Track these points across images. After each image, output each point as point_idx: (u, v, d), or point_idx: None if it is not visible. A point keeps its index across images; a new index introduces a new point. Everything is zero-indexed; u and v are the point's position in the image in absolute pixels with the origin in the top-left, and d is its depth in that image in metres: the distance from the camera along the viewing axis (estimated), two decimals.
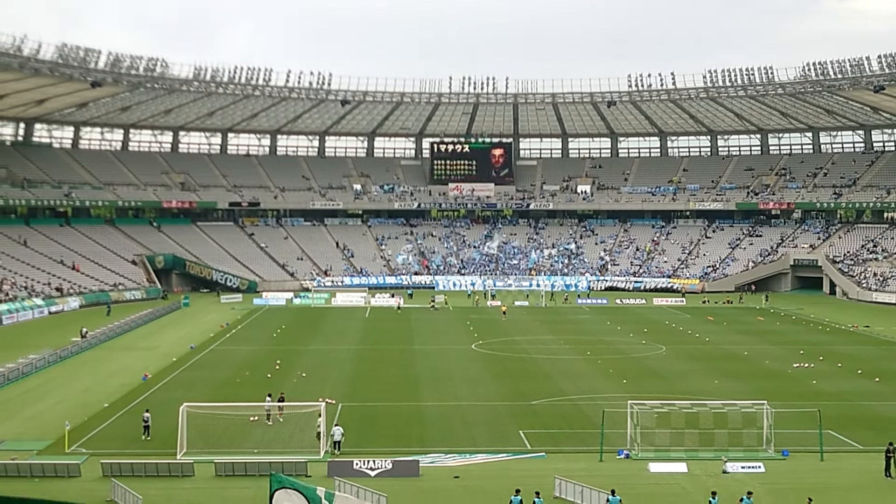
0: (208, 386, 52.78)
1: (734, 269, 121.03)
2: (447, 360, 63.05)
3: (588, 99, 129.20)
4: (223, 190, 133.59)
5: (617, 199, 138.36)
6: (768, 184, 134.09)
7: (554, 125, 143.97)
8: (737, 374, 57.78)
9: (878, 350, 69.35)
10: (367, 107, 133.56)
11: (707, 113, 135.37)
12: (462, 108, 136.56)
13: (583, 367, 60.13)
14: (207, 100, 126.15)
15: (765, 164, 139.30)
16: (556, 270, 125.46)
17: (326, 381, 54.25)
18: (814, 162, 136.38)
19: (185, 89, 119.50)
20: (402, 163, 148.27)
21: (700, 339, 75.13)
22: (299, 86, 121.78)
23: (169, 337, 74.76)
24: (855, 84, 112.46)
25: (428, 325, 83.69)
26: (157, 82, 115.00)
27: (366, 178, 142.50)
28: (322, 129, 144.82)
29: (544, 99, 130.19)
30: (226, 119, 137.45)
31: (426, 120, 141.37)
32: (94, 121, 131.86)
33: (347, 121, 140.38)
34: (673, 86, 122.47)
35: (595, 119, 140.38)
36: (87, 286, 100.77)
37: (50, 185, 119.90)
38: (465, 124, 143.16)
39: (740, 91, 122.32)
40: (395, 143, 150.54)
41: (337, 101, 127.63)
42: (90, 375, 56.69)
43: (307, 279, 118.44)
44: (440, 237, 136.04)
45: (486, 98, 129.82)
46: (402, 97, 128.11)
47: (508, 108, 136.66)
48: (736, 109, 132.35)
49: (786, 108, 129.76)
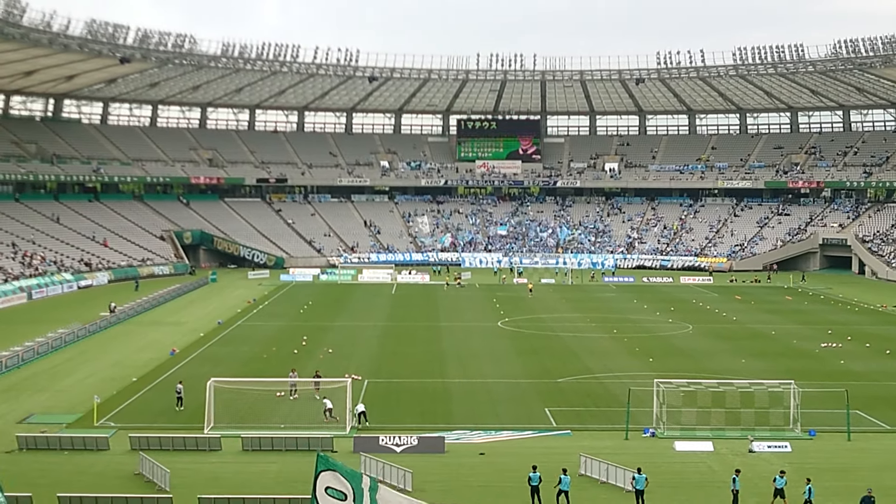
0: (235, 361, 53.04)
1: (762, 248, 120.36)
2: (473, 338, 63.07)
3: (616, 76, 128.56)
4: (251, 166, 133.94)
5: (644, 177, 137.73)
6: (797, 162, 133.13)
7: (582, 102, 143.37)
8: (764, 353, 57.51)
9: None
10: (394, 83, 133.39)
11: (736, 90, 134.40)
12: (489, 85, 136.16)
13: (609, 346, 60.02)
14: (235, 76, 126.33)
15: (794, 143, 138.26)
16: (582, 248, 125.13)
17: (353, 358, 54.41)
18: (844, 140, 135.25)
19: (213, 65, 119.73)
20: (429, 140, 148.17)
21: (727, 317, 74.80)
22: (327, 62, 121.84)
23: (196, 312, 75.13)
24: (887, 62, 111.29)
25: (454, 303, 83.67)
26: (186, 58, 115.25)
27: (393, 155, 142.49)
28: (349, 106, 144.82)
29: (572, 76, 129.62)
30: (253, 95, 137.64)
31: (453, 97, 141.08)
32: (122, 97, 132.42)
33: (375, 97, 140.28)
34: (702, 63, 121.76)
35: (623, 96, 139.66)
36: (115, 261, 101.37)
37: (79, 161, 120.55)
38: (492, 101, 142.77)
39: (770, 69, 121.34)
40: (423, 120, 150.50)
41: (364, 77, 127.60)
42: (119, 350, 57.07)
43: (334, 255, 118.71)
44: (467, 214, 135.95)
45: (513, 75, 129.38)
46: (430, 74, 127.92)
47: (536, 85, 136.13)
48: (765, 87, 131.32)
49: (816, 86, 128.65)
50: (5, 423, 39.20)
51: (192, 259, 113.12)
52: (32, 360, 52.66)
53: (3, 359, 50.06)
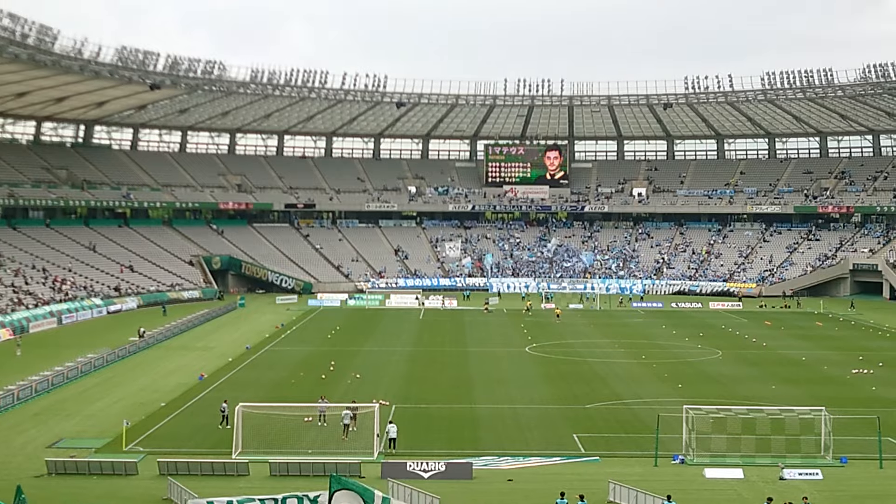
0: (263, 386, 53.11)
1: (792, 274, 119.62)
2: (501, 363, 62.93)
3: (644, 101, 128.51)
4: (279, 191, 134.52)
5: (673, 202, 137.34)
6: (827, 187, 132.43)
7: (609, 127, 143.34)
8: (794, 379, 57.06)
9: None
10: (421, 109, 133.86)
11: (764, 115, 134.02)
12: (517, 111, 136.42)
13: (637, 371, 59.71)
14: (264, 102, 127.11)
15: (823, 167, 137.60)
16: (610, 273, 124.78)
17: (380, 383, 54.37)
18: (874, 165, 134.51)
19: (242, 92, 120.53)
20: (456, 165, 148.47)
21: (757, 343, 74.27)
22: (355, 88, 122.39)
23: (225, 337, 75.37)
24: None
25: (482, 328, 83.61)
26: (215, 85, 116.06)
27: (420, 180, 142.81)
28: (377, 131, 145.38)
29: (599, 101, 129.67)
30: (282, 121, 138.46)
31: (481, 122, 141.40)
32: (152, 123, 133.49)
33: (402, 123, 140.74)
34: (730, 87, 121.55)
35: (651, 121, 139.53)
36: (144, 286, 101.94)
37: (109, 187, 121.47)
38: (520, 126, 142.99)
39: (798, 93, 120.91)
40: (450, 146, 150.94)
41: (392, 103, 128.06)
42: (147, 375, 57.28)
43: (362, 280, 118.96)
44: (494, 239, 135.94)
45: (540, 100, 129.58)
46: (457, 99, 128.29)
47: (563, 110, 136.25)
48: (794, 111, 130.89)
49: (845, 111, 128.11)
50: (35, 448, 39.37)
51: (221, 284, 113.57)
52: (62, 384, 52.91)
53: (33, 383, 50.34)
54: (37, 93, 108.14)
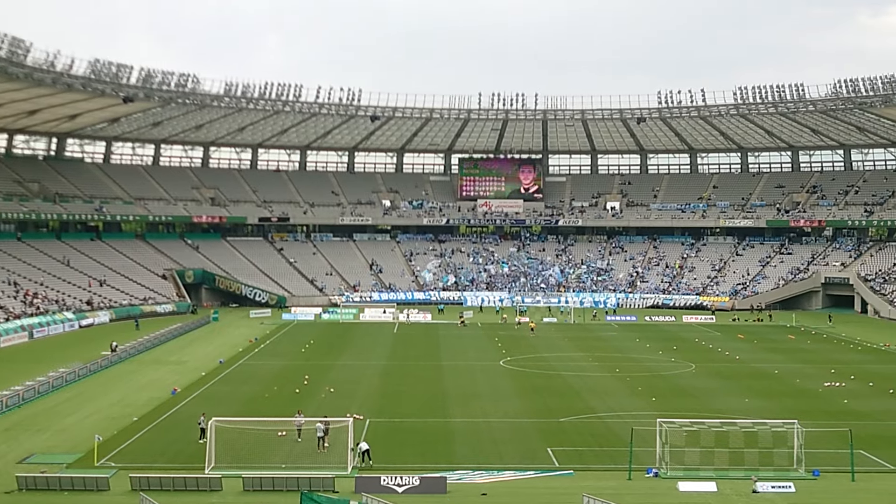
0: (237, 400, 52.87)
1: (765, 287, 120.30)
2: (475, 377, 62.91)
3: (617, 115, 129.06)
4: (253, 205, 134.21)
5: (646, 216, 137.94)
6: (799, 201, 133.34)
7: (583, 141, 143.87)
8: (767, 392, 57.31)
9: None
10: (396, 123, 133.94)
11: (737, 129, 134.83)
12: (491, 125, 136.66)
13: (611, 385, 59.83)
14: (238, 115, 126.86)
15: (795, 182, 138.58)
16: (584, 287, 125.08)
17: (355, 397, 54.24)
18: (845, 179, 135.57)
19: (216, 105, 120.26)
20: (431, 178, 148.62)
21: (730, 357, 74.58)
22: (329, 102, 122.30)
23: (198, 351, 75.00)
24: (887, 101, 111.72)
25: (456, 342, 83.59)
26: (189, 98, 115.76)
27: (395, 194, 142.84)
28: (351, 145, 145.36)
29: (573, 115, 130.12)
30: (256, 134, 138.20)
31: (455, 136, 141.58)
32: (125, 136, 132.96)
33: (377, 136, 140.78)
34: (703, 102, 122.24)
35: (624, 135, 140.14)
36: (117, 300, 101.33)
37: (81, 200, 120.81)
38: (494, 140, 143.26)
39: (770, 108, 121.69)
40: (425, 159, 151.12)
41: (366, 116, 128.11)
42: (120, 389, 56.90)
43: (336, 294, 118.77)
44: (469, 253, 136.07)
45: (515, 114, 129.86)
46: (432, 113, 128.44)
47: (537, 124, 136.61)
48: (766, 126, 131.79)
49: (817, 125, 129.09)
50: (5, 463, 39.01)
51: (194, 298, 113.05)
52: (33, 399, 52.49)
53: (3, 398, 49.90)
54: (9, 105, 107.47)
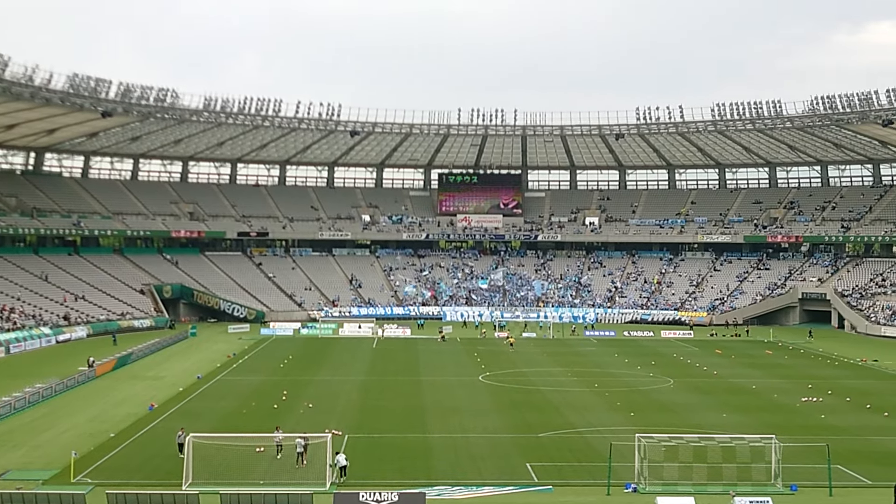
0: (214, 416, 52.63)
1: (742, 302, 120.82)
2: (454, 392, 62.86)
3: (596, 131, 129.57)
4: (232, 220, 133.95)
5: (625, 231, 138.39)
6: (776, 217, 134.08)
7: (562, 157, 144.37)
8: (745, 407, 57.48)
9: (886, 384, 68.98)
10: (376, 138, 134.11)
11: (715, 146, 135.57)
12: (471, 140, 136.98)
13: (590, 400, 59.88)
14: (217, 130, 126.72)
15: (773, 198, 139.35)
16: (563, 302, 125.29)
17: (333, 412, 54.08)
18: (822, 195, 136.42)
19: (195, 120, 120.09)
20: (410, 194, 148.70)
21: (708, 372, 74.82)
22: (309, 117, 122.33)
23: (176, 367, 74.66)
24: (863, 118, 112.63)
25: (435, 357, 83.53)
26: (168, 113, 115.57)
27: (374, 209, 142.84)
28: (331, 160, 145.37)
29: (552, 131, 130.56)
30: (235, 149, 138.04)
31: (435, 151, 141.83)
32: (104, 150, 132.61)
33: (356, 152, 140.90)
34: (681, 119, 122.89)
35: (603, 151, 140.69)
36: (94, 315, 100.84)
37: (59, 215, 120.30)
38: (473, 155, 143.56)
39: (748, 124, 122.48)
40: (404, 174, 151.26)
41: (346, 132, 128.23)
42: (96, 405, 56.56)
43: (315, 309, 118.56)
44: (448, 268, 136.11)
45: (494, 130, 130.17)
46: (412, 128, 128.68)
47: (517, 139, 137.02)
48: (744, 142, 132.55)
49: (794, 142, 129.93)
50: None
51: (172, 313, 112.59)
52: (9, 415, 52.10)
53: None
54: None
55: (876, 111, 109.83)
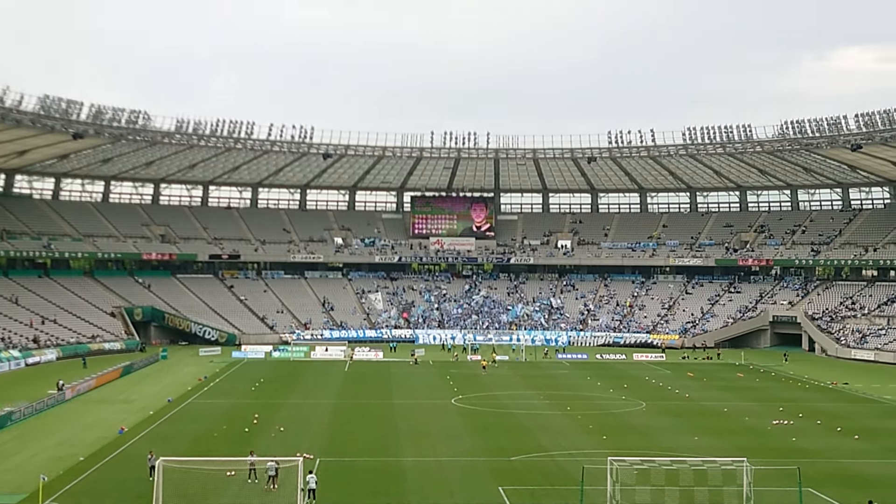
0: (185, 440, 52.27)
1: (714, 325, 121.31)
2: (427, 415, 62.70)
3: (568, 155, 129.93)
4: (203, 242, 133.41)
5: (597, 255, 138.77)
6: (747, 240, 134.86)
7: (535, 180, 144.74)
8: (717, 430, 57.66)
9: (857, 407, 69.42)
10: (348, 161, 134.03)
11: (686, 170, 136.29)
12: (443, 163, 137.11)
13: (563, 423, 59.88)
14: (189, 152, 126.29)
15: (744, 221, 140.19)
16: (536, 325, 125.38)
17: (304, 436, 53.84)
18: (792, 219, 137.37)
19: (167, 142, 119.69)
20: (383, 216, 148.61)
21: (680, 395, 75.05)
22: (281, 139, 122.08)
23: (146, 390, 74.15)
24: (832, 143, 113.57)
25: (408, 380, 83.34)
26: (140, 135, 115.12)
27: (347, 232, 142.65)
28: (304, 183, 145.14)
29: (525, 154, 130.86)
30: (207, 172, 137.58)
31: (408, 174, 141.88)
32: (75, 172, 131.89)
33: (329, 174, 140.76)
34: (652, 142, 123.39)
35: (576, 175, 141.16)
36: (64, 338, 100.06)
37: (29, 237, 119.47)
38: (446, 178, 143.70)
39: (719, 148, 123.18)
40: (377, 197, 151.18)
41: (319, 154, 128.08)
42: (66, 428, 56.08)
43: (287, 332, 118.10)
44: (420, 291, 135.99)
45: (467, 153, 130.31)
46: (384, 151, 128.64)
47: (490, 163, 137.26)
48: (715, 166, 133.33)
49: (764, 166, 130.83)
50: None
51: (143, 336, 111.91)
52: None
53: None
54: None
55: (845, 136, 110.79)
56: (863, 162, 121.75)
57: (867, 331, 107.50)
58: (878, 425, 60.50)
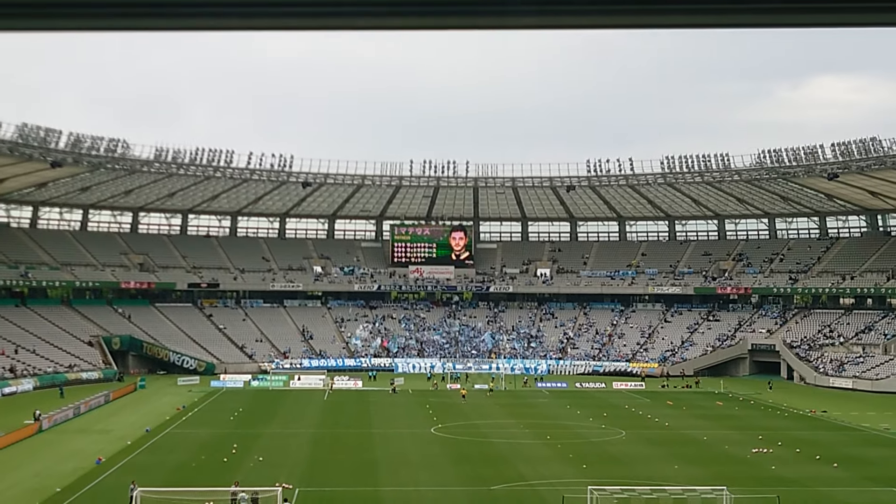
0: (163, 470, 51.90)
1: (693, 354, 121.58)
2: (406, 445, 62.53)
3: (547, 183, 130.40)
4: (182, 271, 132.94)
5: (576, 283, 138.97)
6: (726, 269, 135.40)
7: (514, 209, 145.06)
8: (696, 459, 57.71)
9: (835, 435, 69.61)
10: (327, 189, 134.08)
11: (665, 198, 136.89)
12: (423, 192, 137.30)
13: (543, 452, 59.80)
14: (168, 181, 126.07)
15: (722, 250, 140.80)
16: (515, 353, 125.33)
17: (284, 466, 53.57)
18: (770, 247, 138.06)
19: (146, 170, 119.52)
20: (362, 245, 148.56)
21: (659, 423, 75.09)
22: (260, 168, 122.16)
23: (124, 420, 73.67)
24: (809, 172, 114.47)
25: (387, 409, 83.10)
26: (118, 163, 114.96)
27: (326, 260, 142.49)
28: (283, 211, 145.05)
29: (504, 183, 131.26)
30: (186, 200, 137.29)
31: (387, 202, 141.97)
32: (53, 201, 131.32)
33: (308, 203, 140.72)
34: (631, 171, 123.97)
35: (554, 203, 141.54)
36: (41, 367, 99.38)
37: (6, 266, 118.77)
38: (425, 207, 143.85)
39: (697, 177, 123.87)
40: (356, 226, 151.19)
41: (298, 183, 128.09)
42: (43, 459, 55.64)
43: (266, 361, 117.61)
44: (400, 319, 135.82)
45: (446, 181, 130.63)
46: (363, 180, 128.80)
47: (469, 191, 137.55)
48: (693, 195, 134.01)
49: (742, 195, 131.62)
50: None
51: (121, 365, 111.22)
52: None
53: None
54: None
55: (822, 165, 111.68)
56: (839, 191, 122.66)
57: (845, 359, 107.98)
58: (857, 453, 60.67)
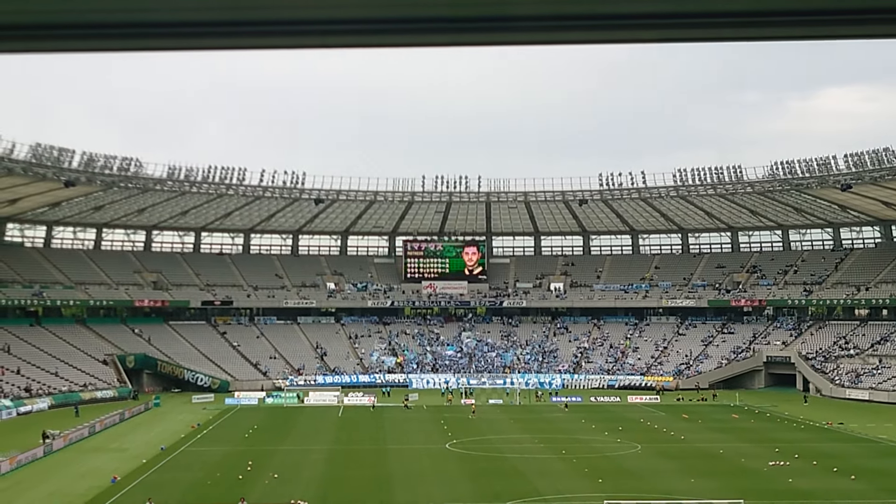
0: (179, 488, 51.93)
1: (708, 367, 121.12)
2: (421, 460, 62.43)
3: (560, 197, 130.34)
4: (196, 289, 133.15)
5: (590, 297, 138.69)
6: (739, 281, 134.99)
7: (526, 223, 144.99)
8: (712, 472, 57.42)
9: (852, 447, 69.20)
10: (340, 205, 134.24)
11: (678, 211, 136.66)
12: (435, 207, 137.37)
13: (558, 466, 59.61)
14: (181, 199, 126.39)
15: (735, 262, 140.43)
16: (529, 368, 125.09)
17: (299, 483, 53.50)
18: (784, 259, 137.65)
19: (159, 189, 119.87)
20: (375, 261, 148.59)
21: (675, 437, 74.76)
22: (273, 185, 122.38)
23: (139, 438, 73.74)
24: (822, 183, 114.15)
25: (401, 424, 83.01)
26: (131, 182, 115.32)
27: (339, 277, 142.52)
28: (295, 228, 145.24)
29: (516, 197, 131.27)
30: (199, 218, 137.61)
31: (399, 218, 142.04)
32: (66, 220, 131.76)
33: (321, 219, 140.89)
34: (643, 184, 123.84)
35: (567, 217, 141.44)
36: (56, 386, 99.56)
37: (21, 285, 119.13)
38: (438, 222, 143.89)
39: (710, 190, 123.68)
40: (369, 242, 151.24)
41: (310, 199, 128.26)
42: (58, 479, 55.68)
43: (280, 378, 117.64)
44: (413, 335, 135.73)
45: (458, 196, 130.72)
46: (376, 196, 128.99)
47: (481, 206, 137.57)
48: (706, 207, 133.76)
49: (755, 207, 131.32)
50: None
51: (136, 383, 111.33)
52: None
53: None
54: None
55: (835, 176, 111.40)
56: (853, 202, 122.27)
57: (861, 370, 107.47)
58: (874, 465, 60.31)
